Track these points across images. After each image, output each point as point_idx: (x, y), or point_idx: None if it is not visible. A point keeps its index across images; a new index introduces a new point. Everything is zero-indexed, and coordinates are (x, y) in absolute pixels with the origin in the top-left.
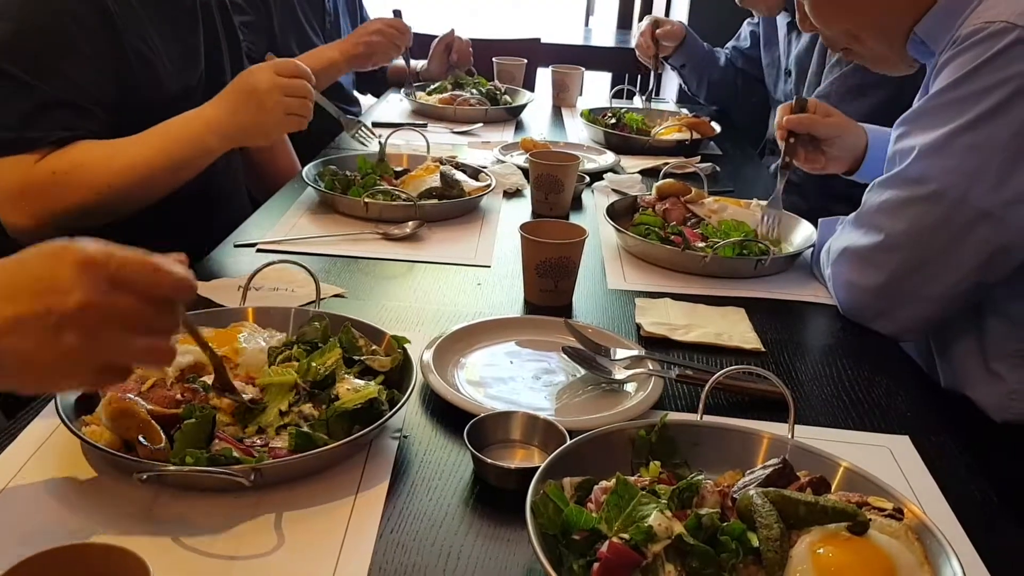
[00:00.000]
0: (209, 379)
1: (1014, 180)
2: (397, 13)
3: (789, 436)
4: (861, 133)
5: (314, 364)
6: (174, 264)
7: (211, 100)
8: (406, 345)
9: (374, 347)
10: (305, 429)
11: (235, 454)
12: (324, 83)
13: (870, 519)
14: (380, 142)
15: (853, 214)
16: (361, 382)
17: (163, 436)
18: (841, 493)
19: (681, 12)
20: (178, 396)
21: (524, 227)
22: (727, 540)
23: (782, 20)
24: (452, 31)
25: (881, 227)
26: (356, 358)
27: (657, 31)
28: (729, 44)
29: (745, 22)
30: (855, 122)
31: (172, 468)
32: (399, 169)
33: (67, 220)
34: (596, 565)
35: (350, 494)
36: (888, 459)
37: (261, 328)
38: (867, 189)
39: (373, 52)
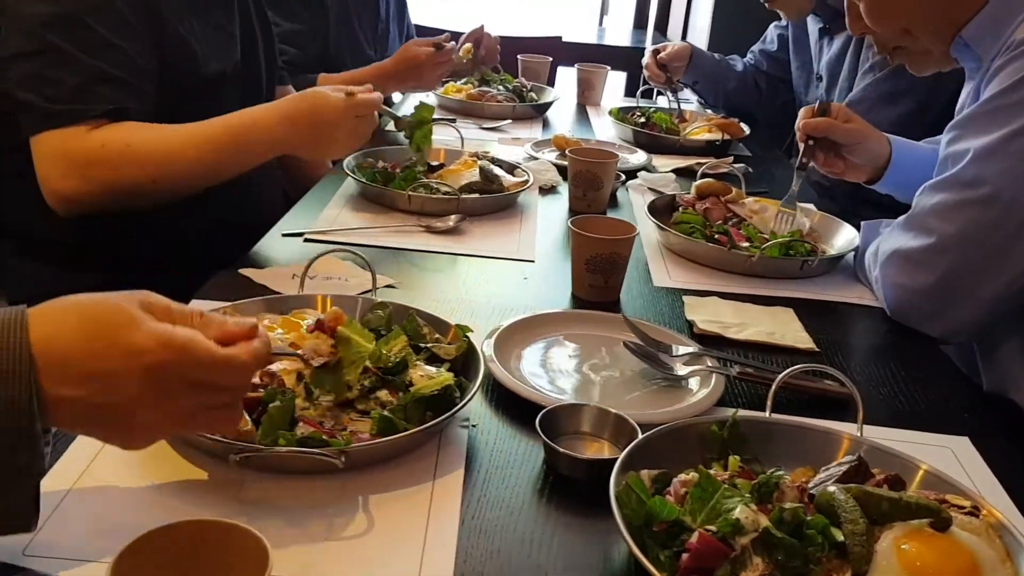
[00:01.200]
0: (278, 365)
1: None
2: (438, 46)
3: (859, 435)
4: (884, 142)
5: (383, 350)
6: (249, 344)
7: (277, 112)
8: (469, 334)
9: (437, 335)
10: (387, 414)
11: (323, 437)
12: None
13: (951, 516)
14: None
15: (903, 216)
16: (433, 369)
17: (248, 419)
18: (918, 491)
19: (704, 15)
20: (256, 380)
21: (575, 222)
22: (813, 534)
23: (813, 25)
24: (481, 27)
25: (932, 229)
26: (422, 346)
27: (660, 56)
28: (755, 47)
29: (772, 25)
30: (878, 131)
31: (271, 449)
32: (435, 163)
33: (112, 196)
34: (685, 556)
35: (428, 480)
36: (951, 459)
37: (322, 315)
38: (918, 192)
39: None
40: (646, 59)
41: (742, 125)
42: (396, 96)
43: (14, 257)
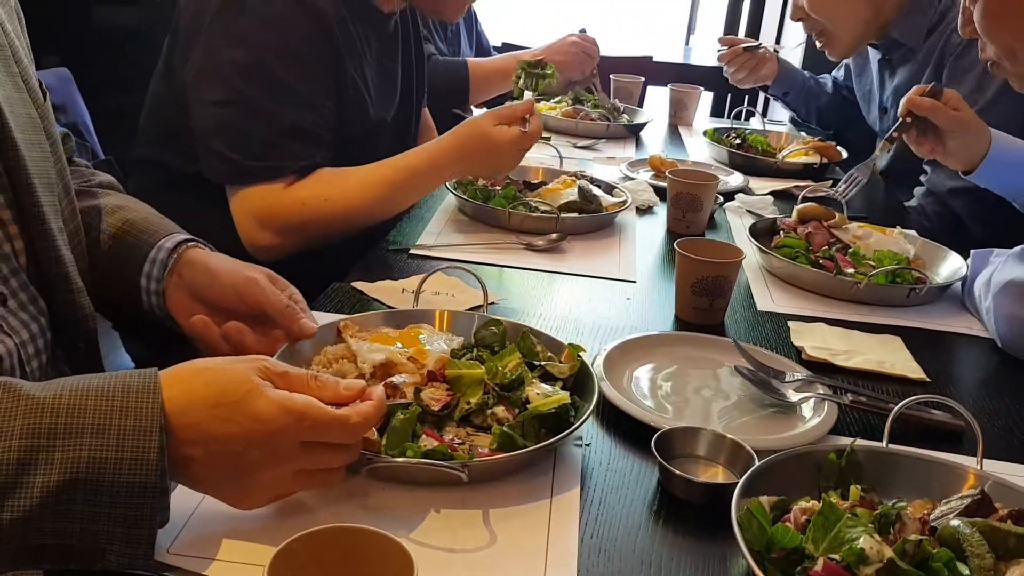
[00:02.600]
0: (400, 378)
1: None
2: (583, 30)
3: (979, 468)
4: (985, 139)
5: (499, 366)
6: (361, 407)
7: (453, 152)
8: (582, 354)
9: (550, 354)
10: (507, 430)
11: (447, 450)
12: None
13: None
14: None
15: (1019, 247)
16: (549, 387)
17: (374, 430)
18: None
19: (797, 35)
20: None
21: (681, 244)
22: (939, 566)
23: (874, 56)
24: None
25: None
26: (536, 363)
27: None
28: (834, 72)
29: None
30: (984, 125)
31: (400, 460)
32: (535, 182)
33: (309, 243)
34: None
35: (545, 497)
36: None
37: (438, 330)
38: None
39: (570, 63)
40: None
41: (839, 148)
42: None
43: None
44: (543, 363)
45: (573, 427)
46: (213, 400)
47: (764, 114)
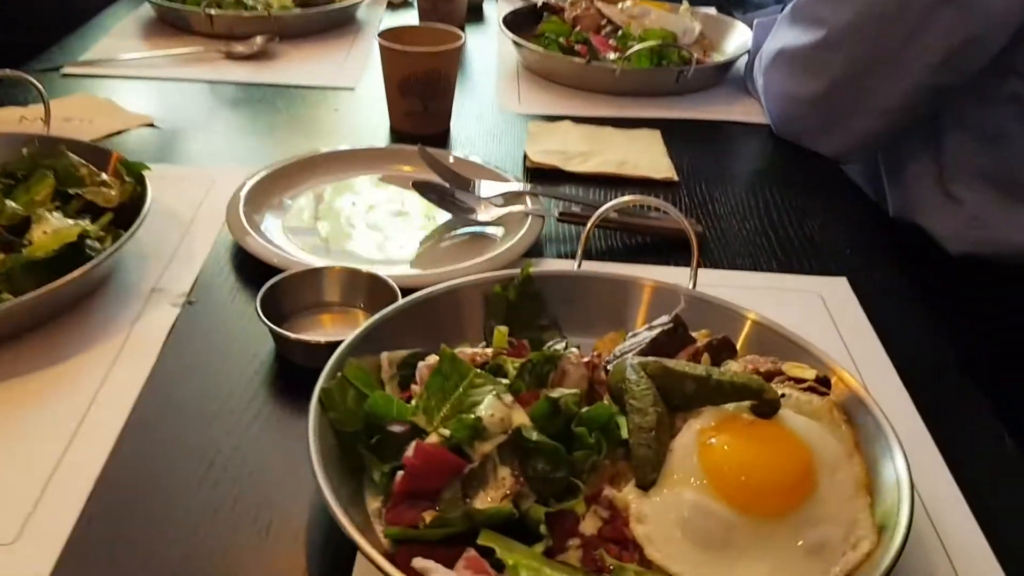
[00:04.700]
0: None
1: None
2: None
3: (690, 285)
4: None
5: (12, 203)
6: None
7: None
8: (145, 173)
9: (103, 177)
10: None
11: None
12: None
13: (783, 395)
14: None
15: (788, 6)
16: (71, 222)
17: None
18: (750, 358)
19: None
20: None
21: (384, 34)
22: (583, 432)
23: None
24: None
25: (823, 20)
26: (74, 192)
27: None
28: None
29: None
30: None
31: None
32: None
33: None
34: (399, 475)
35: (105, 364)
36: (819, 308)
37: None
38: None
39: None
40: None
41: None
42: None
43: None
44: (84, 190)
45: (72, 274)
46: None
47: None
